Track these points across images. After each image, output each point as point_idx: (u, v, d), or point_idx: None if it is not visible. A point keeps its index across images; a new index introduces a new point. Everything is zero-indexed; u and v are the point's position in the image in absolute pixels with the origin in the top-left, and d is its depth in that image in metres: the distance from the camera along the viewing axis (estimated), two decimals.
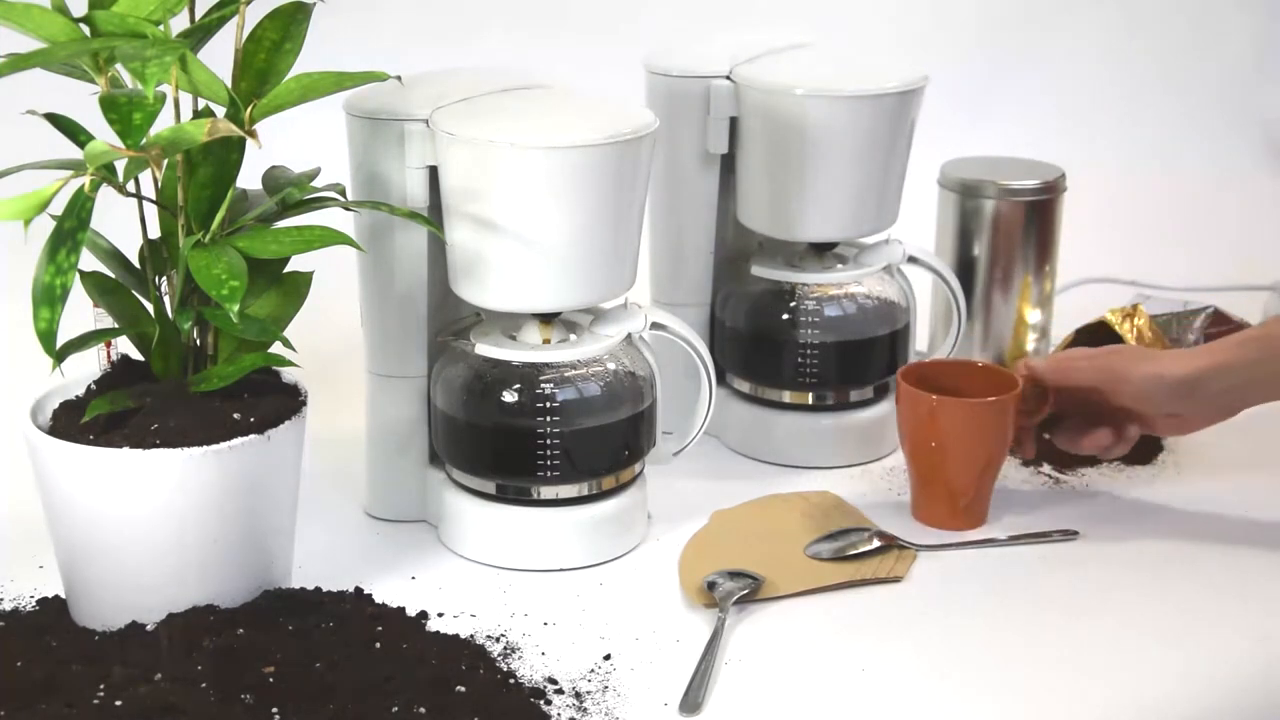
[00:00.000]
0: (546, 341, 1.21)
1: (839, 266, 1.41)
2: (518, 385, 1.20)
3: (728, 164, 1.39)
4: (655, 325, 1.23)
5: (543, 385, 1.20)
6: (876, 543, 1.24)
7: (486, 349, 1.20)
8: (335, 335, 1.53)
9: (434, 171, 1.19)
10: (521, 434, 1.19)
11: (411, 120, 1.18)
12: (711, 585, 1.17)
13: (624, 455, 1.23)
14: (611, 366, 1.23)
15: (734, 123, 1.37)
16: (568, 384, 1.21)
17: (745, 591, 1.16)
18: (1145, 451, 1.41)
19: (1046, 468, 1.39)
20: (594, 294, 1.19)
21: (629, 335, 1.22)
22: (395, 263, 1.22)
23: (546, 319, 1.22)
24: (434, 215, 1.20)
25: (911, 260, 1.42)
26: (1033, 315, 1.54)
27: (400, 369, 1.26)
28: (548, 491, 1.21)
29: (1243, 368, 1.22)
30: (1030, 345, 1.55)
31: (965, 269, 1.51)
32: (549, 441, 1.19)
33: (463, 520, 1.23)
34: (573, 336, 1.22)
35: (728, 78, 1.36)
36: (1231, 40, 2.31)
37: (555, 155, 1.12)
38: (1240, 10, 2.30)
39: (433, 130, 1.17)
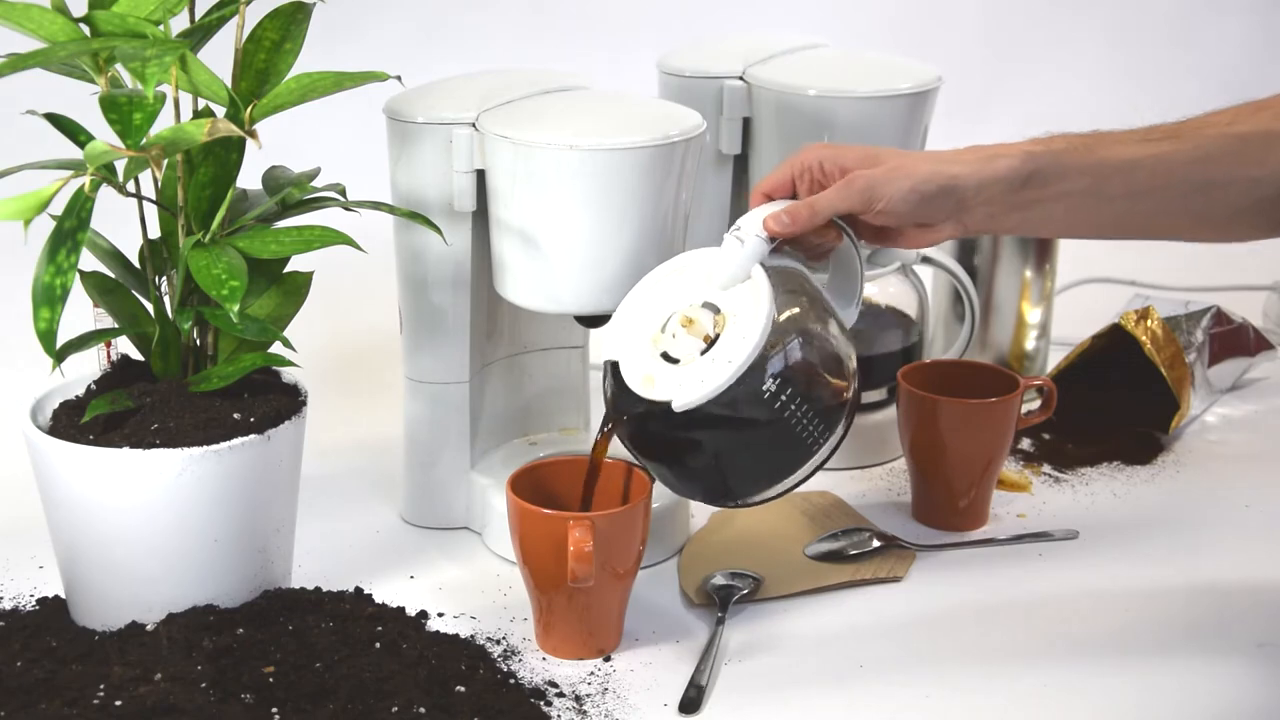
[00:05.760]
0: (709, 339, 1.06)
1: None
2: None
3: (740, 164, 1.39)
4: (925, 259, 1.15)
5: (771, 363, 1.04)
6: (876, 543, 1.24)
7: (683, 399, 1.03)
8: (335, 337, 1.53)
9: (480, 175, 1.18)
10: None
11: (458, 124, 1.17)
12: (711, 585, 1.17)
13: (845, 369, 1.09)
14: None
15: (747, 123, 1.37)
16: (782, 353, 1.06)
17: (745, 591, 1.16)
18: (1145, 451, 1.41)
19: (1046, 467, 1.39)
20: None
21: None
22: (434, 267, 1.22)
23: (688, 319, 1.08)
24: (476, 218, 1.20)
25: (925, 260, 1.42)
26: (1033, 315, 1.55)
27: (440, 375, 1.25)
28: None
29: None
30: (1030, 345, 1.55)
31: (965, 269, 1.51)
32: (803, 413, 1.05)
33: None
34: (717, 311, 1.08)
35: (741, 78, 1.36)
36: (1231, 40, 2.31)
37: (611, 157, 1.12)
38: (1240, 10, 2.31)
39: (481, 133, 1.17)
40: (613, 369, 1.07)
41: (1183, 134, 1.08)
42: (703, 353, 1.04)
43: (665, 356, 1.05)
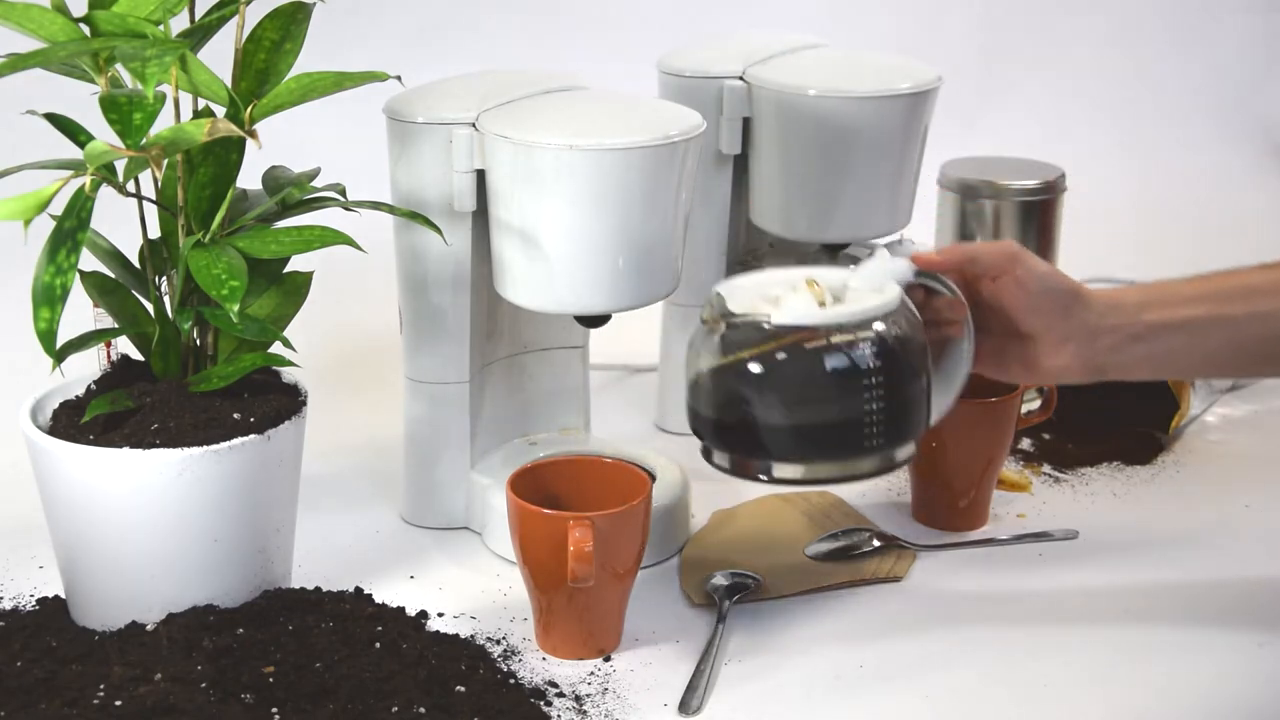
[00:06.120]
0: (822, 304, 1.06)
1: (852, 267, 1.40)
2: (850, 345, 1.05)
3: (740, 164, 1.39)
4: (919, 273, 1.08)
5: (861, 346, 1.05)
6: (876, 543, 1.24)
7: (783, 317, 1.04)
8: (336, 338, 1.53)
9: (479, 175, 1.18)
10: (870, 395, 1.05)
11: (458, 124, 1.17)
12: (711, 585, 1.17)
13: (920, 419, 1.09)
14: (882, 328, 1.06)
15: (747, 123, 1.37)
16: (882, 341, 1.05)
17: (745, 591, 1.16)
18: (1145, 451, 1.41)
19: (1046, 467, 1.39)
20: (639, 295, 1.18)
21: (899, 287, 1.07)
22: (434, 267, 1.22)
23: (813, 282, 1.07)
24: (477, 218, 1.20)
25: None
26: None
27: (440, 375, 1.25)
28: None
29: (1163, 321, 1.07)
30: None
31: None
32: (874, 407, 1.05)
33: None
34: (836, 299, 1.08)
35: (741, 78, 1.36)
36: (1231, 40, 2.31)
37: (609, 157, 1.12)
38: (1240, 10, 2.30)
39: (481, 133, 1.16)
40: (718, 298, 1.05)
41: None
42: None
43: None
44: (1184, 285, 1.12)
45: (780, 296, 1.06)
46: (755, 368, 1.04)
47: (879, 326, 1.03)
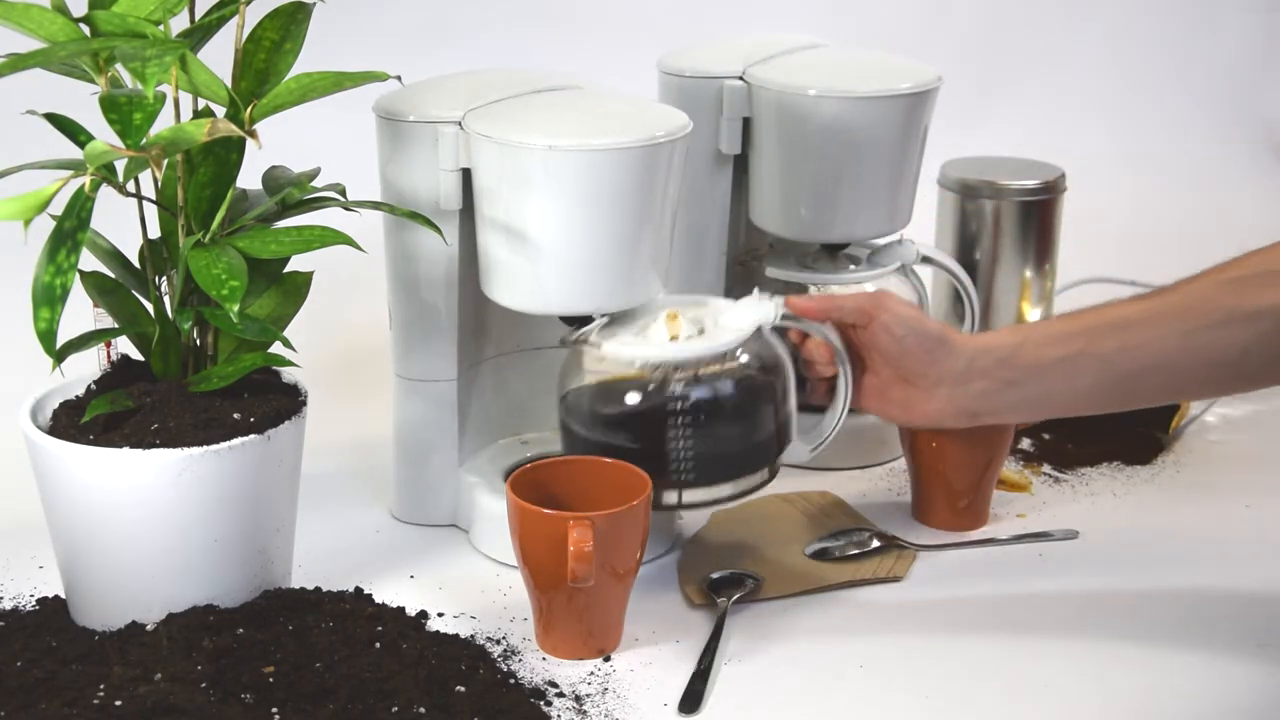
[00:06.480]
0: (674, 338, 1.15)
1: (852, 267, 1.40)
2: (650, 386, 1.15)
3: (740, 165, 1.39)
4: (787, 316, 1.17)
5: (674, 386, 1.14)
6: (876, 543, 1.24)
7: (629, 350, 1.14)
8: (336, 337, 1.53)
9: (466, 174, 1.18)
10: (678, 433, 1.14)
11: (444, 122, 1.17)
12: (711, 585, 1.17)
13: (763, 455, 1.18)
14: (745, 360, 1.16)
15: (747, 123, 1.36)
16: (700, 383, 1.15)
17: (745, 591, 1.16)
18: (1145, 451, 1.41)
19: (1046, 467, 1.39)
20: (626, 297, 1.18)
21: (759, 329, 1.16)
22: (424, 265, 1.22)
23: (674, 314, 1.16)
24: (465, 218, 1.20)
25: (925, 260, 1.42)
26: (1033, 315, 1.55)
27: (429, 372, 1.25)
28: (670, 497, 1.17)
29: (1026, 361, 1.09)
30: None
31: (965, 269, 1.51)
32: (682, 445, 1.14)
33: (501, 525, 1.18)
34: (700, 331, 1.17)
35: (741, 78, 1.36)
36: (1231, 40, 2.31)
37: (592, 157, 1.12)
38: (1240, 9, 2.30)
39: (466, 132, 1.16)
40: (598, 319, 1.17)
41: (1175, 288, 1.09)
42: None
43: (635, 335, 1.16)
44: (1056, 323, 1.14)
45: (648, 325, 1.16)
46: (576, 389, 1.17)
47: (704, 365, 1.14)
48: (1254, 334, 1.05)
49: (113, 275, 1.12)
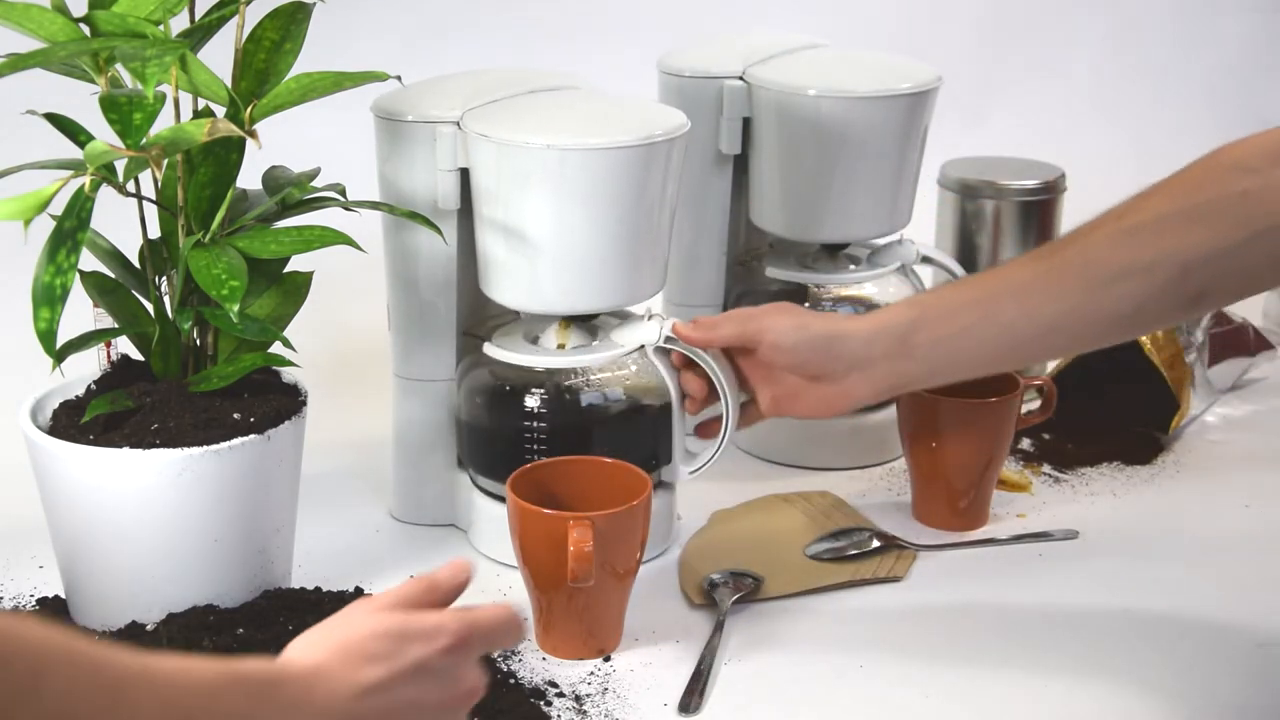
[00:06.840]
0: (561, 347, 1.20)
1: (852, 267, 1.40)
2: (535, 389, 1.20)
3: (740, 164, 1.39)
4: (669, 339, 1.17)
5: (550, 391, 1.19)
6: (876, 543, 1.24)
7: (496, 351, 1.20)
8: (336, 337, 1.53)
9: (464, 174, 1.18)
10: (531, 439, 1.19)
11: (443, 122, 1.17)
12: (711, 585, 1.17)
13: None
14: (629, 373, 1.22)
15: (747, 123, 1.36)
16: (580, 392, 1.20)
17: (745, 591, 1.16)
18: (1145, 451, 1.41)
19: (1046, 467, 1.39)
20: (624, 296, 1.18)
21: (643, 347, 1.18)
22: (423, 265, 1.22)
23: (566, 323, 1.20)
24: (464, 217, 1.20)
25: (925, 260, 1.42)
26: None
27: (428, 372, 1.25)
28: None
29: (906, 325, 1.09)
30: None
31: (965, 269, 1.51)
32: (539, 451, 1.18)
33: (499, 524, 1.18)
34: (594, 343, 1.21)
35: (741, 78, 1.35)
36: (1231, 40, 2.31)
37: (589, 157, 1.12)
38: (1239, 9, 2.30)
39: (464, 132, 1.16)
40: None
41: (1071, 241, 1.07)
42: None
43: (532, 343, 1.21)
44: (952, 292, 1.13)
45: (546, 330, 1.21)
46: (467, 387, 1.23)
47: (559, 376, 1.20)
48: (1147, 286, 1.04)
49: (113, 275, 1.12)
